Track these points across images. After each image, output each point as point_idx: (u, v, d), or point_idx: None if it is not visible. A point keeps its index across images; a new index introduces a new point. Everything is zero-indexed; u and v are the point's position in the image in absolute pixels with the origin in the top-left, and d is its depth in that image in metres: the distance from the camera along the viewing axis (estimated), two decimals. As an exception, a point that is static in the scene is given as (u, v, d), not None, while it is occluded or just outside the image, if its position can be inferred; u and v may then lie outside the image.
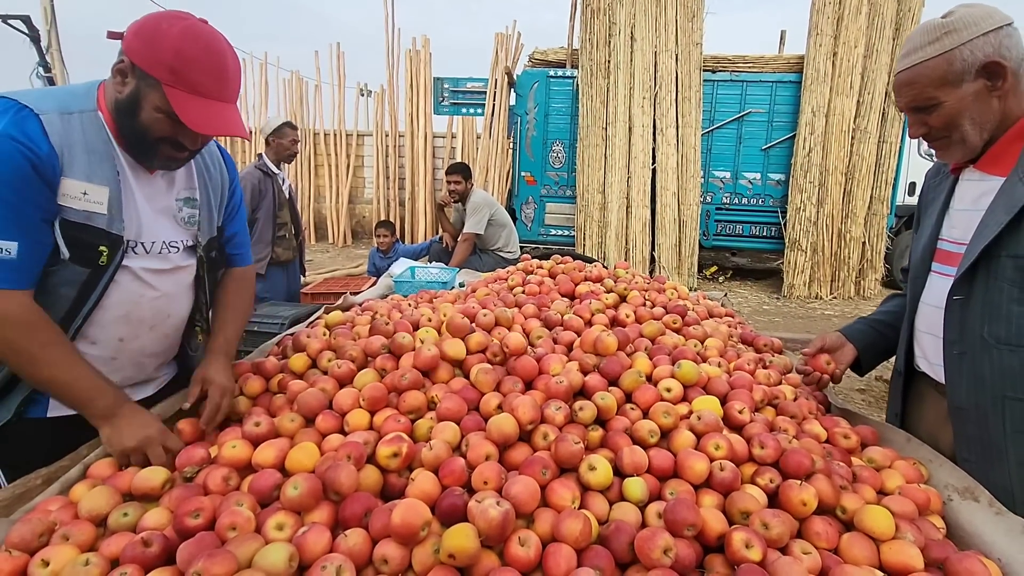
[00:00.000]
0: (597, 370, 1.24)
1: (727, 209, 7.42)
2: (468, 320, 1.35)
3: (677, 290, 1.89)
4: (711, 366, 1.33)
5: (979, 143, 1.06)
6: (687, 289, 2.03)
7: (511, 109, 8.17)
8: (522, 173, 7.67)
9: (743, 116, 7.16)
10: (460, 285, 2.51)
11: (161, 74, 0.99)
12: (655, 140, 7.14)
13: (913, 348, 1.25)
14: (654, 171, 7.18)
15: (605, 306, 1.63)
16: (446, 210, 4.50)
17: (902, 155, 6.97)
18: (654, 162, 7.17)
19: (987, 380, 1.04)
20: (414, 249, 5.08)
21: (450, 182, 4.22)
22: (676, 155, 7.14)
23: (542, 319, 1.54)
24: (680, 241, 7.29)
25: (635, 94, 7.05)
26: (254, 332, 2.56)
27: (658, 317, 1.60)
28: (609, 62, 7.10)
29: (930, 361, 1.19)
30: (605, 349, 1.29)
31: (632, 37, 7.01)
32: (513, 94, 8.10)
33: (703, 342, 1.51)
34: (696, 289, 6.17)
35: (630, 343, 1.39)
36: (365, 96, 10.39)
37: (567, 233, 7.64)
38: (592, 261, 2.28)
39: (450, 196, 4.28)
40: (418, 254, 4.94)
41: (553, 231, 7.72)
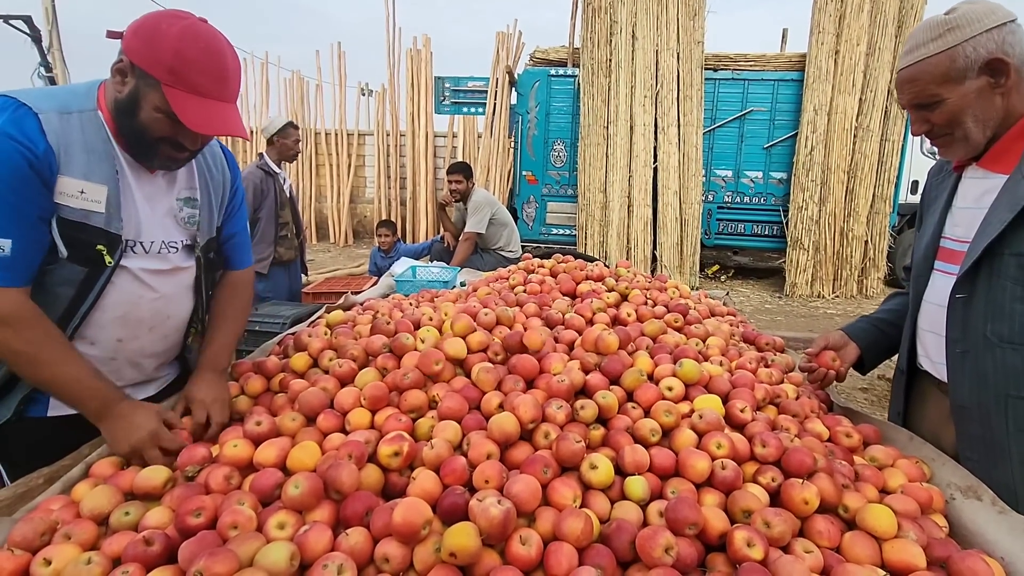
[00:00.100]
0: (598, 369, 1.24)
1: (729, 208, 7.41)
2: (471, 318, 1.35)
3: (679, 289, 1.88)
4: (713, 365, 1.33)
5: (982, 140, 1.06)
6: (689, 288, 2.02)
7: (512, 108, 8.18)
8: (523, 172, 7.67)
9: (745, 115, 7.14)
10: (461, 284, 2.51)
11: (160, 74, 0.98)
12: (657, 139, 7.13)
13: (916, 347, 1.24)
14: (656, 170, 7.17)
15: (606, 305, 1.63)
16: (447, 209, 4.51)
17: (905, 153, 6.95)
18: (656, 161, 7.16)
19: (990, 379, 1.04)
20: (415, 248, 5.08)
21: (451, 181, 4.22)
22: (678, 154, 7.13)
23: (543, 318, 1.54)
24: (682, 240, 7.28)
25: (636, 93, 7.04)
26: (255, 331, 2.57)
27: (659, 316, 1.60)
28: (610, 61, 7.08)
29: (932, 360, 1.19)
30: (606, 348, 1.29)
31: (633, 36, 7.00)
32: (514, 93, 8.10)
33: (705, 341, 1.51)
34: (698, 288, 6.18)
35: (631, 342, 1.39)
36: (366, 96, 10.40)
37: (568, 232, 7.63)
38: (593, 260, 2.27)
39: (451, 195, 4.28)
40: (419, 253, 4.94)
41: (554, 230, 7.71)
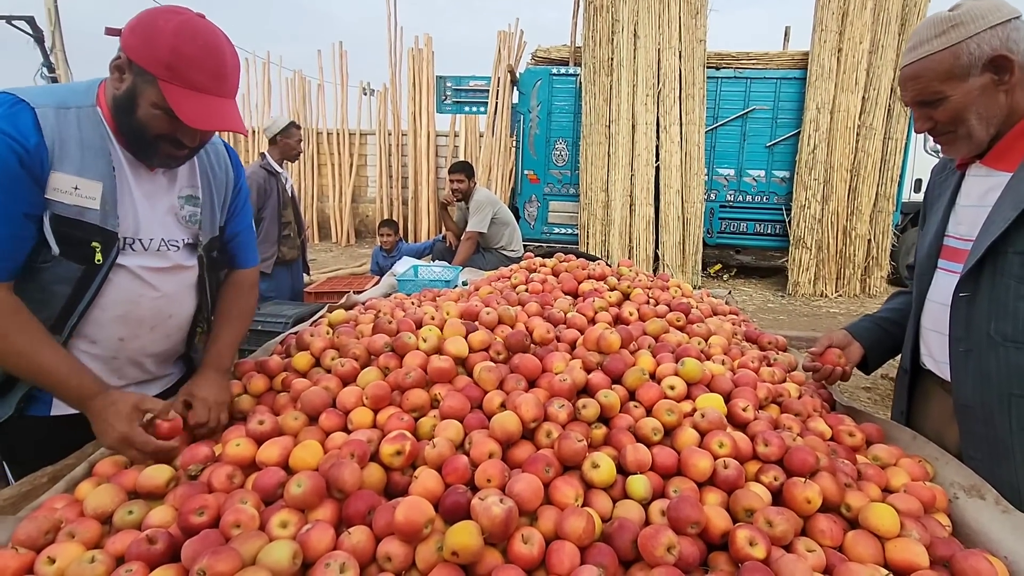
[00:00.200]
0: (600, 368, 1.24)
1: (731, 207, 7.40)
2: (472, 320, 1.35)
3: (681, 288, 1.88)
4: (715, 364, 1.33)
5: (985, 138, 1.05)
6: (691, 287, 2.02)
7: (514, 107, 8.18)
8: (525, 171, 7.66)
9: (747, 113, 7.13)
10: (463, 284, 2.51)
11: (157, 70, 0.98)
12: (659, 138, 7.12)
13: (919, 346, 1.24)
14: (658, 169, 7.16)
15: (608, 304, 1.63)
16: (449, 209, 4.51)
17: (908, 151, 6.93)
18: (657, 160, 7.15)
19: (994, 378, 1.04)
20: (417, 248, 5.09)
21: (453, 181, 4.22)
22: (680, 153, 7.12)
23: (545, 317, 1.53)
24: (684, 239, 7.27)
25: (638, 91, 7.03)
26: (258, 331, 2.57)
27: (661, 315, 1.60)
28: (612, 59, 7.07)
29: (936, 359, 1.18)
30: (608, 347, 1.29)
31: (635, 34, 6.99)
32: (516, 92, 8.10)
33: (707, 340, 1.50)
34: (700, 287, 6.16)
35: (633, 341, 1.39)
36: (368, 95, 10.41)
37: (570, 231, 7.63)
38: (595, 259, 2.27)
39: (453, 195, 4.28)
40: (421, 253, 4.94)
41: (556, 229, 7.71)
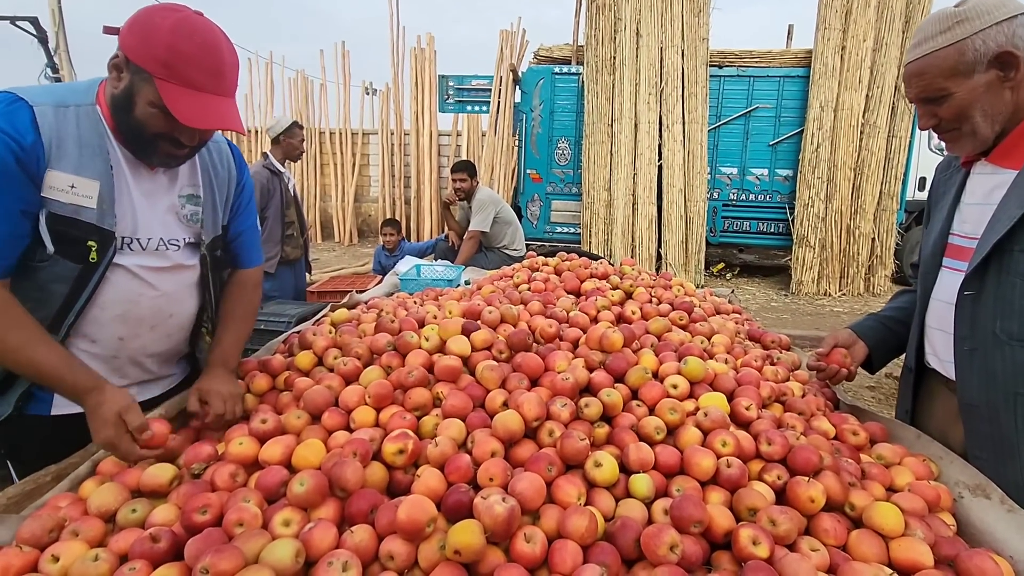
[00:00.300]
0: (603, 367, 1.24)
1: (734, 205, 7.38)
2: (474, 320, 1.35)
3: (684, 287, 1.87)
4: (718, 362, 1.32)
5: (990, 135, 1.05)
6: (694, 286, 2.02)
7: (516, 106, 8.16)
8: (527, 171, 7.66)
9: (750, 112, 7.11)
10: (466, 283, 2.51)
11: (154, 68, 0.97)
12: (661, 136, 7.10)
13: (923, 344, 1.23)
14: (660, 168, 7.15)
15: (611, 303, 1.63)
16: (451, 208, 4.51)
17: (912, 150, 6.90)
18: (660, 159, 7.13)
19: (999, 376, 1.03)
20: (420, 247, 5.09)
21: (455, 180, 4.22)
22: (682, 151, 7.10)
23: (548, 316, 1.53)
24: (687, 238, 7.25)
25: (641, 90, 7.01)
26: (260, 330, 2.57)
27: (664, 314, 1.59)
28: (615, 58, 7.06)
29: (940, 358, 1.17)
30: (611, 346, 1.29)
31: (638, 33, 6.97)
32: (518, 91, 8.09)
33: (710, 339, 1.50)
34: (703, 286, 6.15)
35: (636, 340, 1.38)
36: (370, 95, 10.42)
37: (573, 230, 7.62)
38: (598, 258, 2.27)
39: (455, 194, 4.28)
40: (424, 252, 4.94)
41: (559, 228, 7.70)
